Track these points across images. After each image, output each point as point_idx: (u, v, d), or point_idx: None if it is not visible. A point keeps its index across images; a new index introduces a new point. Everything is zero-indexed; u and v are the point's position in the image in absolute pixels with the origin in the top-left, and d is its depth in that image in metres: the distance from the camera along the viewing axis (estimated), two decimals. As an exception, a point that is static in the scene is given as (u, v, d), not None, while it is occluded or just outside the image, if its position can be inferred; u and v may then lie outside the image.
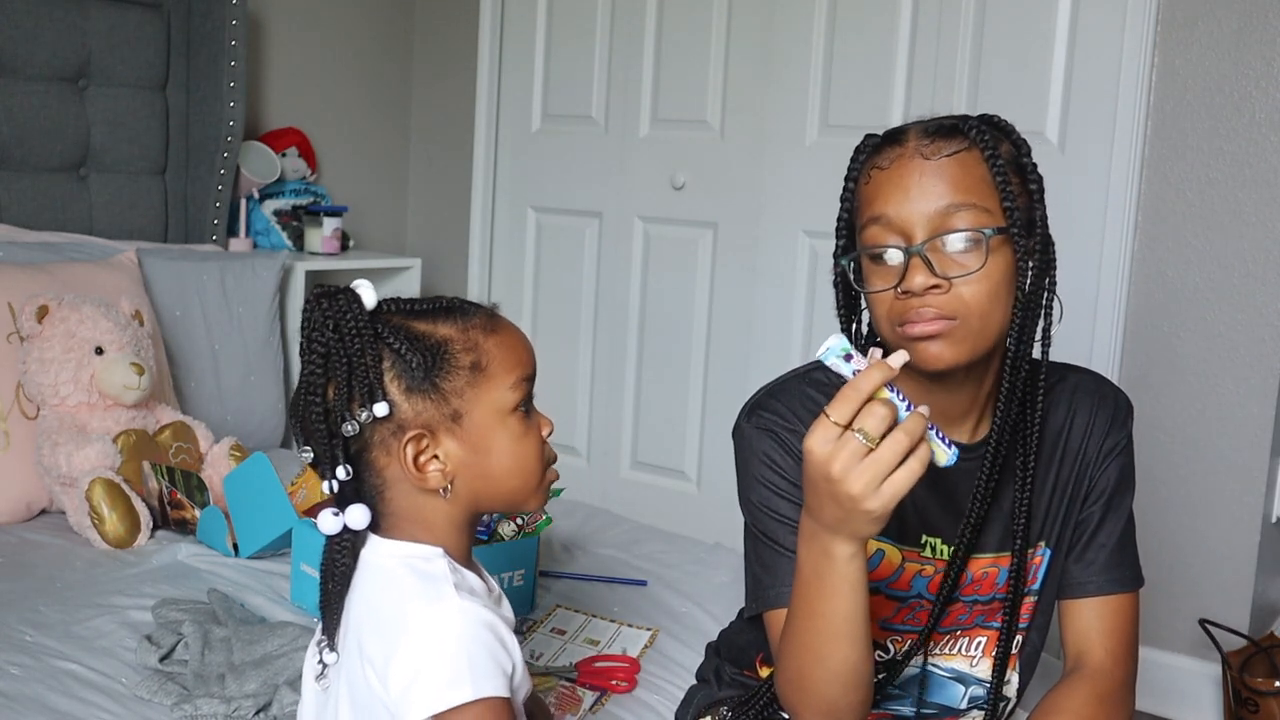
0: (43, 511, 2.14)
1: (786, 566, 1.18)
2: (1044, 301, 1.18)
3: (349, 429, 0.99)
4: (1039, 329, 1.19)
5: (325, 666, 1.06)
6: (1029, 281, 1.16)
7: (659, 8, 3.12)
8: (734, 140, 3.04)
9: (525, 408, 1.05)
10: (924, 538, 1.24)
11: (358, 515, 1.02)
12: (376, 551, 1.04)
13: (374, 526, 1.04)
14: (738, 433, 1.27)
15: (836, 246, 1.22)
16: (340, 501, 1.02)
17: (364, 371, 0.98)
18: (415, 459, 1.00)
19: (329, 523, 1.02)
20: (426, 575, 1.00)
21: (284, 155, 3.09)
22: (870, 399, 0.96)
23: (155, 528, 2.05)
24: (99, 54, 2.63)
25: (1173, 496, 2.55)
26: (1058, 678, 1.35)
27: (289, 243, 3.04)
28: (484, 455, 1.02)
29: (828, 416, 0.97)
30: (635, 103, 3.18)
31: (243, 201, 2.95)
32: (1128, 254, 2.57)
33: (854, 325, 1.24)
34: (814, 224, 2.93)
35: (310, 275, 2.96)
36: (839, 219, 1.21)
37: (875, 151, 1.17)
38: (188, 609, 1.67)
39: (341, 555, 1.05)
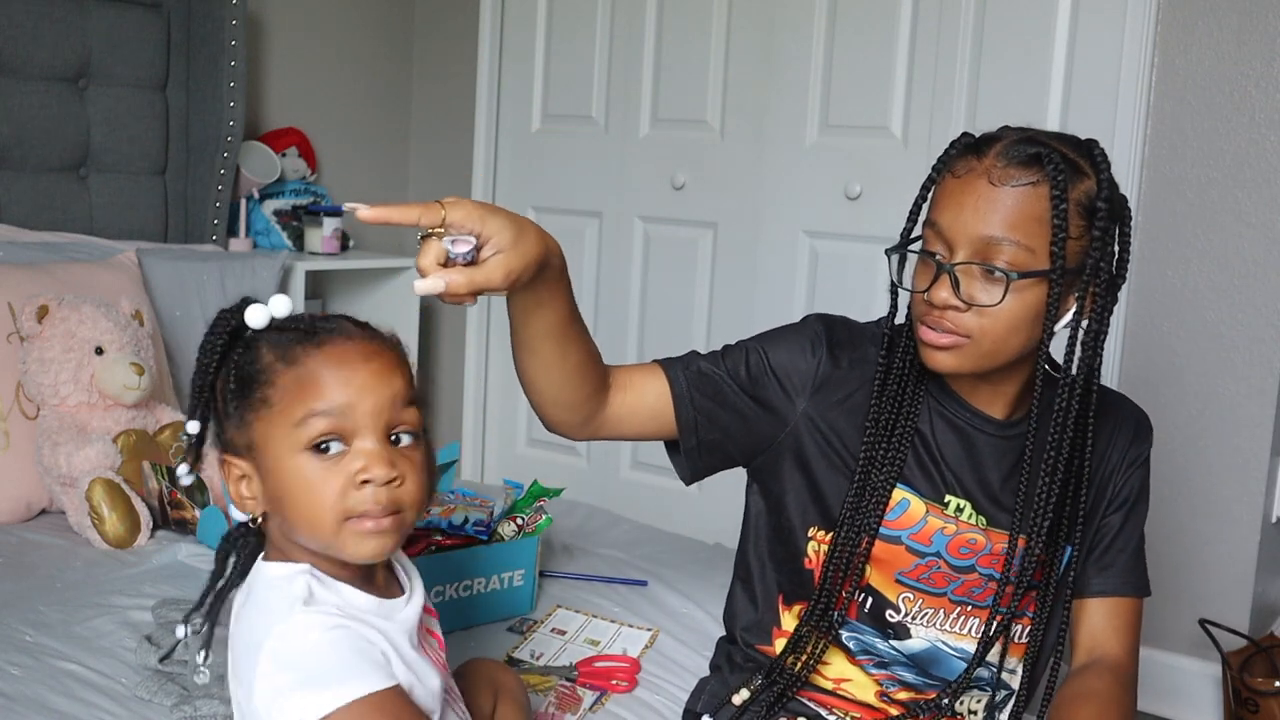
0: (43, 511, 2.14)
1: (699, 360, 1.35)
2: (1079, 335, 1.23)
3: (182, 437, 1.04)
4: (1077, 355, 1.24)
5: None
6: (1073, 317, 1.21)
7: (659, 8, 3.12)
8: (734, 140, 3.03)
9: (325, 445, 0.97)
10: (948, 497, 1.30)
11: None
12: (256, 576, 1.05)
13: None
14: (806, 317, 1.37)
15: (904, 231, 1.26)
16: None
17: (198, 389, 1.04)
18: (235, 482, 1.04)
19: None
20: (284, 595, 1.00)
21: (284, 155, 3.09)
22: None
23: (155, 528, 2.05)
24: (99, 54, 2.63)
25: (1173, 496, 2.55)
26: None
27: (289, 243, 3.04)
28: (276, 497, 1.01)
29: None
30: (635, 103, 3.18)
31: (243, 201, 2.95)
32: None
33: (895, 306, 1.29)
34: (814, 224, 2.93)
35: (310, 275, 2.95)
36: (915, 203, 1.25)
37: (960, 154, 1.20)
38: (188, 609, 1.66)
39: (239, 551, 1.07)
